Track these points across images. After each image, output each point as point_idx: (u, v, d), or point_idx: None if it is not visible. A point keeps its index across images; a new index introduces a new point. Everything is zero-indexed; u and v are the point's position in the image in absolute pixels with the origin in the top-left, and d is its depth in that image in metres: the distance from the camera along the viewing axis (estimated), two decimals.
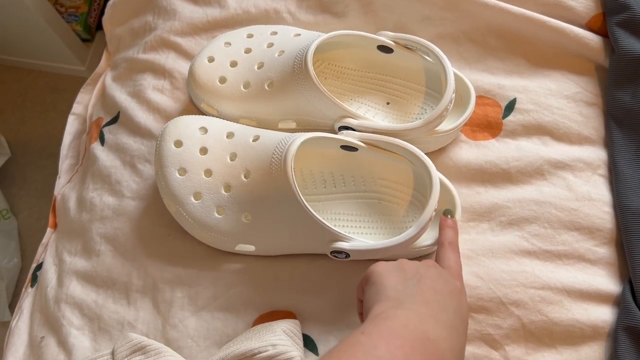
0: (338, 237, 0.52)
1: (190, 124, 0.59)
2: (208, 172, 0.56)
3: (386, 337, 0.38)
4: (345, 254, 0.52)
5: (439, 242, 0.51)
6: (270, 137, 0.55)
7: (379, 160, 0.57)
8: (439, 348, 0.39)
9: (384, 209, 0.58)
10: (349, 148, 0.56)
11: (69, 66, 1.47)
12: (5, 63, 1.54)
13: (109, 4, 0.82)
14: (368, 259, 0.56)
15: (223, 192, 0.55)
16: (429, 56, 0.59)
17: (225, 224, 0.56)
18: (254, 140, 0.55)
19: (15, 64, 1.54)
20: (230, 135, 0.57)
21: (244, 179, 0.54)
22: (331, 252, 0.53)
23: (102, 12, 1.45)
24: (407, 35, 0.59)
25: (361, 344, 0.38)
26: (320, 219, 0.51)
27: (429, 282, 0.45)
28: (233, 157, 0.55)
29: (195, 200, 0.56)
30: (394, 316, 0.41)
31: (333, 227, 0.51)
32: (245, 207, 0.55)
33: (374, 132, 0.57)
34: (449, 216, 0.53)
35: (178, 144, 0.57)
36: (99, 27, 1.49)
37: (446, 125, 0.59)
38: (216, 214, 0.56)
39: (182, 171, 0.57)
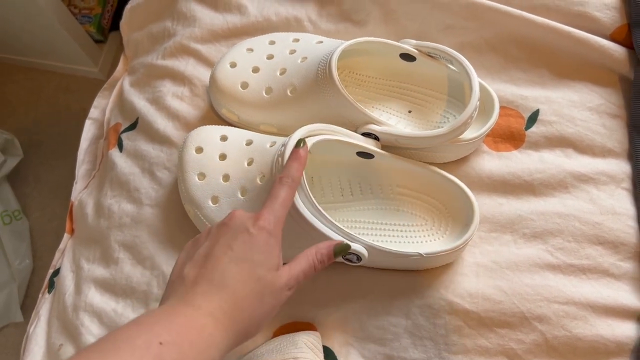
0: (350, 239, 0.51)
1: (211, 132, 0.59)
2: (226, 177, 0.56)
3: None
4: (357, 256, 0.52)
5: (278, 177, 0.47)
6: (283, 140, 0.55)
7: (397, 167, 0.57)
8: None
9: (402, 217, 0.57)
10: (365, 155, 0.56)
11: (82, 67, 1.47)
12: (19, 63, 1.54)
13: (127, 7, 0.81)
14: (384, 267, 0.56)
15: (239, 195, 0.55)
16: (452, 64, 0.59)
17: None
18: (270, 146, 0.55)
19: (29, 64, 1.54)
20: (249, 142, 0.57)
21: (259, 182, 0.53)
22: (344, 257, 0.52)
23: (115, 14, 1.47)
24: (430, 43, 0.59)
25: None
26: (328, 220, 0.50)
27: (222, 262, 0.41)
28: (250, 162, 0.55)
29: (213, 204, 0.56)
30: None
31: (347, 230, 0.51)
32: (258, 209, 0.54)
33: (397, 139, 0.56)
34: (302, 145, 0.49)
35: (199, 150, 0.58)
36: (112, 28, 1.49)
37: (469, 134, 0.58)
38: None
39: (202, 176, 0.57)
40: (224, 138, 0.59)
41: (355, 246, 0.50)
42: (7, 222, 1.32)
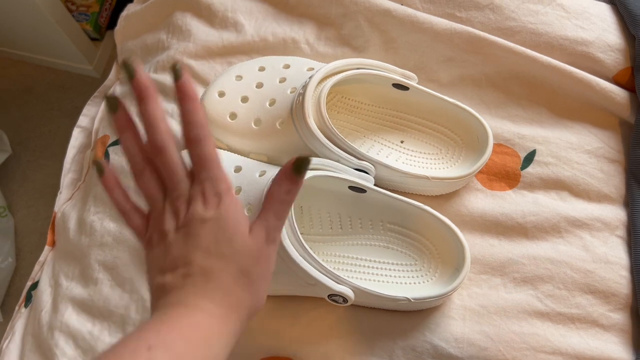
0: (337, 281, 0.49)
1: None
2: None
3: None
4: (343, 298, 0.50)
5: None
6: (273, 173, 0.53)
7: (389, 204, 0.55)
8: None
9: (391, 256, 0.56)
10: (357, 189, 0.55)
11: (76, 64, 1.45)
12: (12, 57, 1.52)
13: (122, 15, 0.80)
14: (370, 307, 0.54)
15: None
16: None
17: None
18: (260, 175, 0.53)
19: (22, 58, 1.51)
20: (238, 169, 0.56)
21: (246, 214, 0.52)
22: (328, 296, 0.51)
23: (113, 13, 1.45)
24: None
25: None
26: (314, 259, 0.48)
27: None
28: (238, 191, 0.53)
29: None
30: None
31: (330, 269, 0.49)
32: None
33: (389, 174, 0.55)
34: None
35: None
36: (109, 26, 1.47)
37: (462, 171, 0.57)
38: None
39: None
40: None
41: (341, 288, 0.49)
42: None
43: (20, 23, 1.32)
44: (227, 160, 0.57)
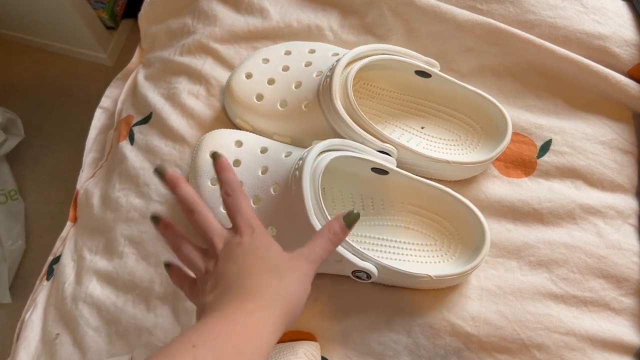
0: (361, 257, 0.51)
1: (226, 136, 0.59)
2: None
3: None
4: (367, 274, 0.52)
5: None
6: (299, 154, 0.55)
7: (410, 186, 0.57)
8: None
9: (412, 236, 0.57)
10: (380, 171, 0.56)
11: (91, 52, 1.46)
12: (27, 43, 1.53)
13: (147, 0, 0.81)
14: (392, 284, 0.56)
15: (252, 204, 0.55)
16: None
17: None
18: (286, 156, 0.55)
19: (35, 44, 1.53)
20: (264, 150, 0.57)
21: (272, 193, 0.54)
22: (352, 272, 0.53)
23: (129, 1, 1.46)
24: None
25: None
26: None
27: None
28: (264, 170, 0.55)
29: (223, 210, 0.56)
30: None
31: (357, 247, 0.51)
32: (270, 220, 0.54)
33: (411, 158, 0.57)
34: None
35: None
36: (125, 15, 1.49)
37: (480, 156, 0.59)
38: None
39: (214, 181, 0.57)
40: (238, 143, 0.59)
41: (365, 264, 0.50)
42: (3, 201, 1.31)
43: (37, 9, 1.33)
44: (254, 141, 0.59)
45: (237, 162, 0.57)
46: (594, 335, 0.53)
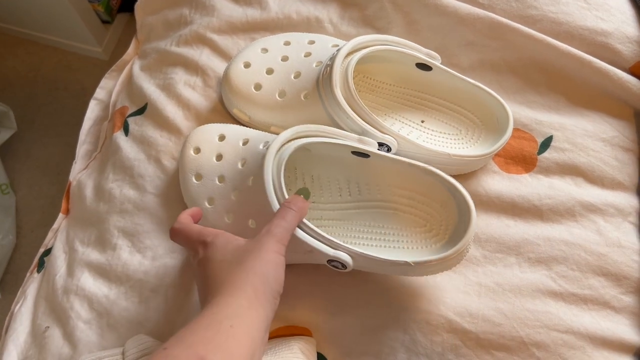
0: (333, 247, 0.50)
1: (210, 132, 0.59)
2: (221, 178, 0.55)
3: None
4: (341, 264, 0.50)
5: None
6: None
7: (393, 168, 0.55)
8: None
9: (400, 220, 0.56)
10: (360, 154, 0.54)
11: (85, 46, 1.45)
12: (21, 36, 1.51)
13: None
14: (376, 272, 0.54)
15: (232, 197, 0.54)
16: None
17: (233, 229, 0.55)
18: (263, 146, 0.54)
19: (30, 37, 1.51)
20: (245, 142, 0.56)
21: (250, 185, 0.53)
22: (328, 262, 0.50)
23: None
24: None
25: None
26: (304, 228, 0.49)
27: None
28: (244, 163, 0.54)
29: (209, 205, 0.56)
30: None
31: (327, 235, 0.49)
32: (250, 213, 0.53)
33: (411, 150, 0.56)
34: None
35: (197, 150, 0.58)
36: (121, 9, 1.47)
37: (481, 150, 0.58)
38: (226, 219, 0.55)
39: (199, 177, 0.57)
40: (222, 137, 0.58)
41: (338, 254, 0.49)
42: None
43: (32, 2, 1.32)
44: (236, 135, 0.58)
45: (219, 157, 0.57)
46: (593, 334, 0.53)
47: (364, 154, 0.54)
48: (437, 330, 0.54)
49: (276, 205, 0.49)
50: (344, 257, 0.49)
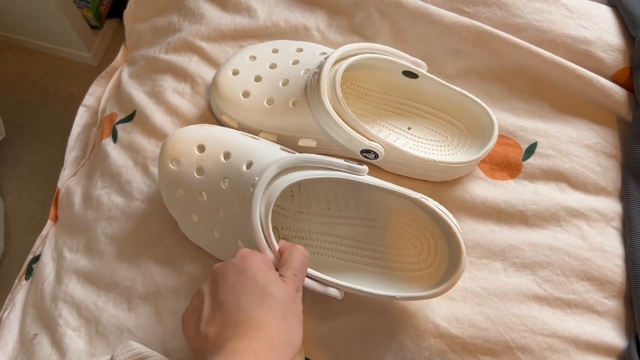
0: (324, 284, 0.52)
1: (187, 142, 0.56)
2: (205, 194, 0.55)
3: None
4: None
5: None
6: (260, 167, 0.51)
7: (387, 197, 0.54)
8: None
9: (389, 239, 0.56)
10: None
11: (74, 51, 1.45)
12: (9, 41, 1.51)
13: None
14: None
15: (220, 214, 0.54)
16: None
17: (222, 245, 0.56)
18: (247, 168, 0.52)
19: (18, 42, 1.50)
20: (227, 155, 0.54)
21: (235, 208, 0.52)
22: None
23: (114, 1, 1.45)
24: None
25: None
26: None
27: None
28: (225, 183, 0.53)
29: (195, 218, 0.56)
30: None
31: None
32: (237, 234, 0.53)
33: (398, 157, 0.57)
34: None
35: (175, 163, 0.56)
36: (110, 15, 1.47)
37: (466, 157, 0.59)
38: (215, 234, 0.55)
39: (180, 191, 0.56)
40: (201, 148, 0.56)
41: (328, 290, 0.51)
42: None
43: (21, 7, 1.32)
44: (217, 145, 0.56)
45: (200, 171, 0.55)
46: (577, 337, 0.53)
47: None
48: (425, 335, 0.54)
49: (267, 249, 0.48)
50: (334, 292, 0.51)
